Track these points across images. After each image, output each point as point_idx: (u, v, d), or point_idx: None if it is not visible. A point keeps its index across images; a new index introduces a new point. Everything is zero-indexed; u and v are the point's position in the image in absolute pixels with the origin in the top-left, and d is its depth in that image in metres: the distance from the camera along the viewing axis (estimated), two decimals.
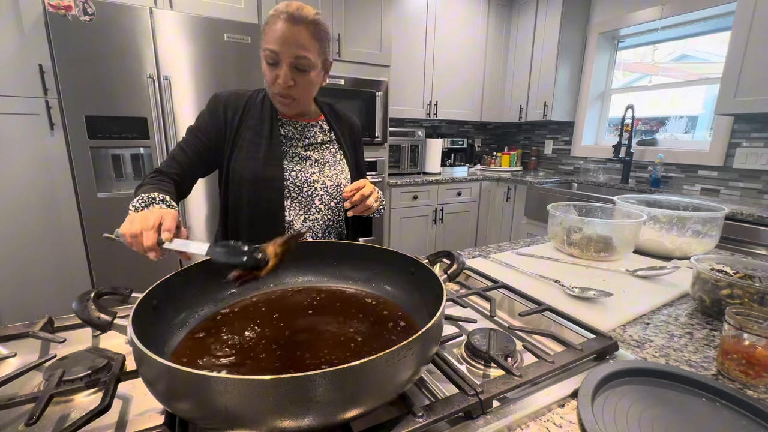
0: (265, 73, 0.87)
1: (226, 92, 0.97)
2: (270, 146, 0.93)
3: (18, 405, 0.46)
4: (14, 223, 1.80)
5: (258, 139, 0.93)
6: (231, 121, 0.94)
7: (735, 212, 1.79)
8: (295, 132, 0.98)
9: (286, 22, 0.81)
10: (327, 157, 1.01)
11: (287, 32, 0.82)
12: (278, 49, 0.82)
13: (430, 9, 2.93)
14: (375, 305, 0.65)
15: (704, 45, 2.59)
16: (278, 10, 0.83)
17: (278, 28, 0.82)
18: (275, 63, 0.85)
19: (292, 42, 0.82)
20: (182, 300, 0.58)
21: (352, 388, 0.36)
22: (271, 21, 0.83)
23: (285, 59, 0.84)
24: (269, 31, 0.83)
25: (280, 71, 0.85)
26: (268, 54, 0.84)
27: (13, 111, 1.72)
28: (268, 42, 0.83)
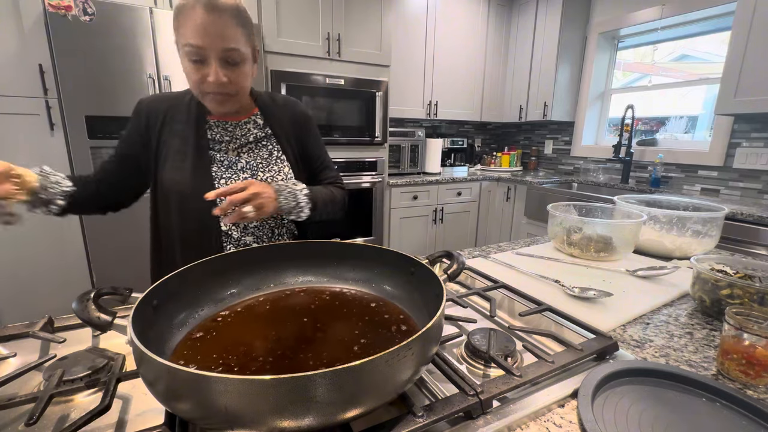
0: (189, 72, 0.77)
1: (148, 97, 0.90)
2: (197, 154, 0.84)
3: (18, 405, 0.46)
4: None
5: (184, 146, 0.85)
6: (153, 127, 0.86)
7: (735, 212, 1.79)
8: (225, 134, 0.88)
9: (205, 12, 0.71)
10: (261, 158, 0.91)
11: (209, 23, 0.72)
12: (202, 44, 0.73)
13: (430, 9, 2.94)
14: (375, 305, 0.65)
15: (704, 45, 2.59)
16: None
17: (197, 18, 0.71)
18: (201, 60, 0.75)
19: (217, 34, 0.73)
20: (182, 300, 0.58)
21: (352, 388, 0.36)
22: (186, 11, 0.72)
23: (212, 54, 0.74)
24: (186, 23, 0.72)
25: (208, 69, 0.75)
26: (190, 50, 0.73)
27: (13, 111, 1.72)
28: (186, 36, 0.73)
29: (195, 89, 0.80)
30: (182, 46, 0.75)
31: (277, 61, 2.25)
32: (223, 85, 0.77)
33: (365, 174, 2.67)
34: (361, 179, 2.65)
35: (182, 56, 0.77)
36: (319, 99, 2.41)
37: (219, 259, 0.65)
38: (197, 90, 0.80)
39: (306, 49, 2.32)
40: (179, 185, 0.83)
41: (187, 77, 0.79)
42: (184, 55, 0.75)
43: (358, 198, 2.66)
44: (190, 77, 0.78)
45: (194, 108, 0.87)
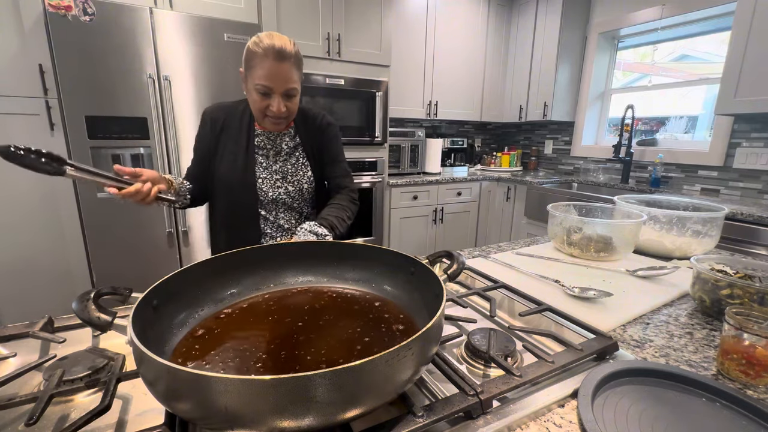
0: (255, 101, 0.97)
1: (211, 106, 1.10)
2: (246, 156, 1.06)
3: (18, 405, 0.46)
4: (14, 223, 1.80)
5: (236, 148, 1.06)
6: (213, 130, 1.07)
7: (735, 212, 1.79)
8: (267, 142, 1.09)
9: (275, 61, 0.92)
10: (290, 164, 1.12)
11: (277, 70, 0.93)
12: (272, 85, 0.94)
13: (430, 9, 2.94)
14: (375, 305, 0.65)
15: (704, 45, 2.59)
16: (264, 47, 0.92)
17: (268, 66, 0.92)
18: (267, 94, 0.96)
19: (282, 78, 0.94)
20: (182, 300, 0.58)
21: (352, 388, 0.36)
22: (260, 58, 0.92)
23: (277, 92, 0.95)
24: (259, 68, 0.93)
25: (272, 101, 0.96)
26: (261, 87, 0.94)
27: (13, 111, 1.72)
28: (259, 78, 0.93)
29: (258, 113, 1.00)
30: (253, 84, 0.95)
31: None
32: (282, 113, 0.98)
33: (365, 174, 2.67)
34: (361, 179, 2.65)
35: (250, 88, 0.97)
36: (319, 99, 2.41)
37: (219, 259, 0.65)
38: (259, 114, 1.00)
39: (306, 49, 2.32)
40: (230, 180, 1.06)
41: (252, 104, 1.00)
42: (253, 89, 0.95)
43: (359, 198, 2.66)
44: (256, 104, 0.98)
45: (246, 118, 1.07)
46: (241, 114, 1.08)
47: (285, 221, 1.14)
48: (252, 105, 1.00)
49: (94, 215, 1.84)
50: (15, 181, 1.76)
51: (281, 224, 1.13)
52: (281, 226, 1.13)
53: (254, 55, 0.93)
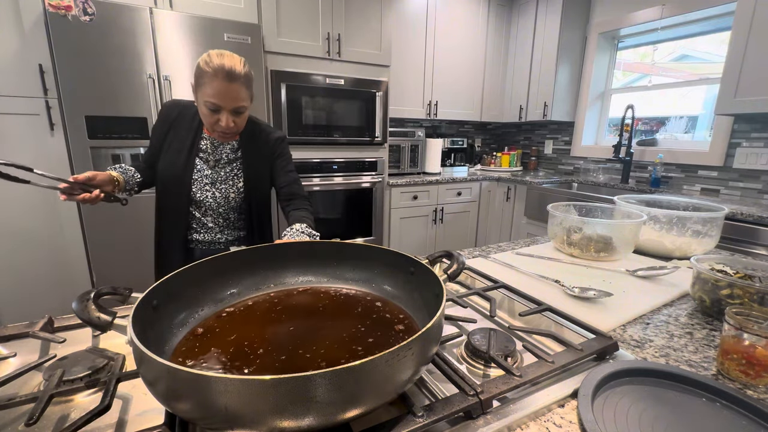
0: (205, 115, 1.01)
1: (169, 101, 1.16)
2: (188, 156, 1.10)
3: (18, 405, 0.46)
4: (14, 223, 1.80)
5: (180, 146, 1.11)
6: (164, 124, 1.12)
7: (735, 212, 1.79)
8: (209, 147, 1.13)
9: (224, 81, 0.95)
10: (225, 172, 1.15)
11: (226, 89, 0.96)
12: (220, 104, 0.98)
13: (430, 9, 2.94)
14: (375, 305, 0.65)
15: (704, 45, 2.59)
16: (214, 66, 0.95)
17: (217, 85, 0.95)
18: (216, 110, 0.99)
19: (231, 97, 0.98)
20: (182, 300, 0.58)
21: (352, 388, 0.36)
22: (209, 77, 0.95)
23: (226, 109, 0.99)
24: (208, 86, 0.96)
25: (221, 116, 1.00)
26: (210, 104, 0.97)
27: (13, 111, 1.72)
28: (208, 95, 0.96)
29: (208, 126, 1.04)
30: (203, 99, 0.98)
31: (277, 61, 2.25)
32: (230, 129, 1.02)
33: (365, 174, 2.67)
34: (361, 179, 2.65)
35: (200, 102, 1.00)
36: (319, 99, 2.41)
37: (219, 259, 0.65)
38: (209, 126, 1.03)
39: (306, 49, 2.32)
40: (167, 175, 1.11)
41: (203, 116, 1.03)
42: (203, 104, 0.99)
43: (358, 198, 2.66)
44: (206, 118, 1.01)
45: (197, 121, 1.11)
46: (193, 115, 1.11)
47: (211, 221, 1.18)
48: (202, 117, 1.04)
49: (94, 215, 1.84)
50: None
51: (206, 223, 1.17)
52: (206, 224, 1.17)
53: (204, 74, 0.96)
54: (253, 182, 1.18)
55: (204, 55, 0.98)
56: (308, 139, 2.43)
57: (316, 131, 2.44)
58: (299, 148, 2.42)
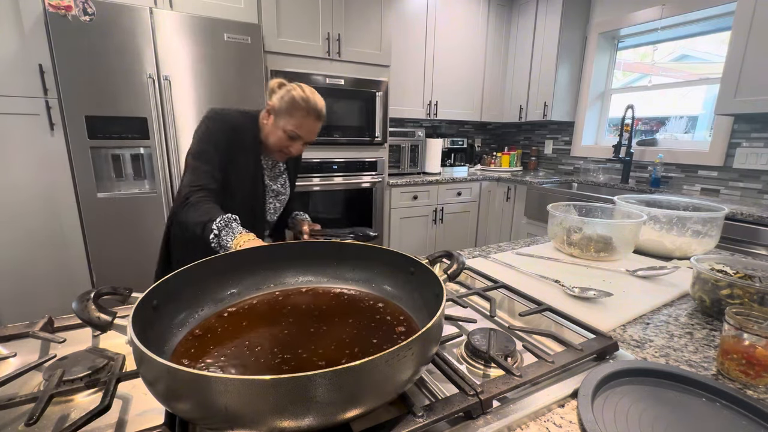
0: (281, 138, 1.08)
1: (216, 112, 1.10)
2: (257, 169, 1.15)
3: (18, 405, 0.46)
4: (14, 223, 1.80)
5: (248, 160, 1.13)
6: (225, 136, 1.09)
7: (735, 212, 1.79)
8: (267, 164, 1.20)
9: (315, 120, 1.08)
10: (279, 184, 1.25)
11: (313, 127, 1.08)
12: (304, 137, 1.08)
13: (430, 9, 2.94)
14: (375, 305, 0.65)
15: (704, 45, 2.59)
16: (311, 106, 1.05)
17: (309, 123, 1.07)
18: (294, 138, 1.08)
19: (313, 133, 1.10)
20: (182, 300, 0.58)
21: (352, 388, 0.36)
22: (303, 113, 1.05)
23: (304, 141, 1.10)
24: (298, 119, 1.05)
25: (297, 145, 1.10)
26: (293, 133, 1.06)
27: (13, 111, 1.72)
28: (295, 127, 1.06)
29: (276, 147, 1.11)
30: (286, 128, 1.06)
31: (277, 61, 2.25)
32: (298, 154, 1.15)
33: (365, 174, 2.67)
34: (361, 179, 2.65)
35: (278, 127, 1.07)
36: None
37: (219, 259, 0.65)
38: (277, 147, 1.10)
39: (306, 49, 2.32)
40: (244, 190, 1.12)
41: (276, 139, 1.09)
42: (282, 130, 1.07)
43: (358, 198, 2.66)
44: (280, 142, 1.09)
45: (256, 135, 1.13)
46: (251, 130, 1.13)
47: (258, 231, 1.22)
48: (274, 140, 1.09)
49: (94, 215, 1.84)
50: (15, 181, 1.76)
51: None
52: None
53: (298, 108, 1.04)
54: (292, 191, 1.31)
55: (296, 87, 1.06)
56: None
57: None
58: None
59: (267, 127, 1.10)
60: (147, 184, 1.96)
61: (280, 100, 1.06)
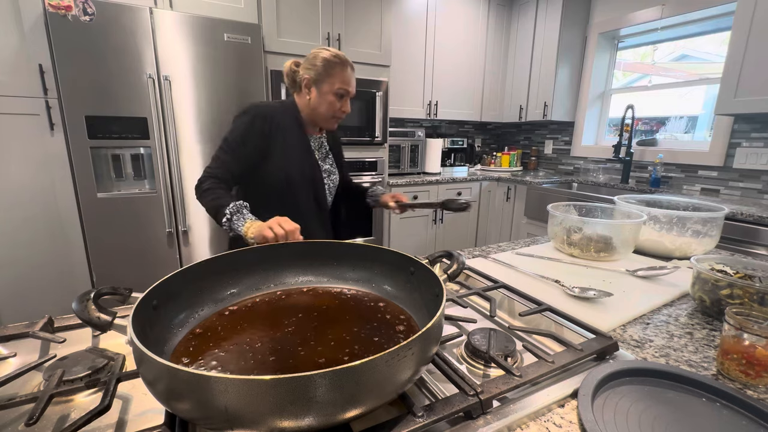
0: (332, 102, 1.12)
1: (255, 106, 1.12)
2: (309, 154, 1.18)
3: (18, 405, 0.46)
4: (14, 223, 1.80)
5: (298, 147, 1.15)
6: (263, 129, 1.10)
7: (735, 212, 1.79)
8: (314, 144, 1.22)
9: (351, 70, 1.12)
10: (329, 164, 1.28)
11: (352, 76, 1.13)
12: (349, 89, 1.12)
13: (430, 9, 2.93)
14: (375, 305, 0.65)
15: (704, 45, 2.59)
16: (343, 58, 1.11)
17: (348, 73, 1.11)
18: (342, 96, 1.12)
19: (354, 83, 1.14)
20: (182, 300, 0.58)
21: (352, 389, 0.36)
22: (341, 67, 1.10)
23: (350, 94, 1.14)
24: (340, 74, 1.10)
25: (345, 102, 1.14)
26: (342, 90, 1.11)
27: (13, 111, 1.72)
28: (340, 83, 1.10)
29: (328, 115, 1.14)
30: (332, 88, 1.10)
31: (277, 61, 2.25)
32: (348, 112, 1.17)
33: (365, 174, 2.67)
34: (361, 179, 2.65)
35: (325, 92, 1.11)
36: None
37: (219, 259, 0.65)
38: (329, 115, 1.14)
39: (306, 49, 2.32)
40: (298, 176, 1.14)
41: (328, 106, 1.12)
42: (330, 93, 1.11)
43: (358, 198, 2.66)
44: (332, 107, 1.12)
45: (298, 120, 1.16)
46: (292, 116, 1.15)
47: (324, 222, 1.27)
48: (325, 108, 1.12)
49: (94, 215, 1.84)
50: (15, 181, 1.76)
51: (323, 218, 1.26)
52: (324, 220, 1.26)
53: (334, 64, 1.09)
54: (340, 171, 1.33)
55: (320, 50, 1.11)
56: None
57: None
58: None
59: (312, 101, 1.13)
60: (147, 184, 1.96)
61: (314, 68, 1.10)
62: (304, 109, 1.16)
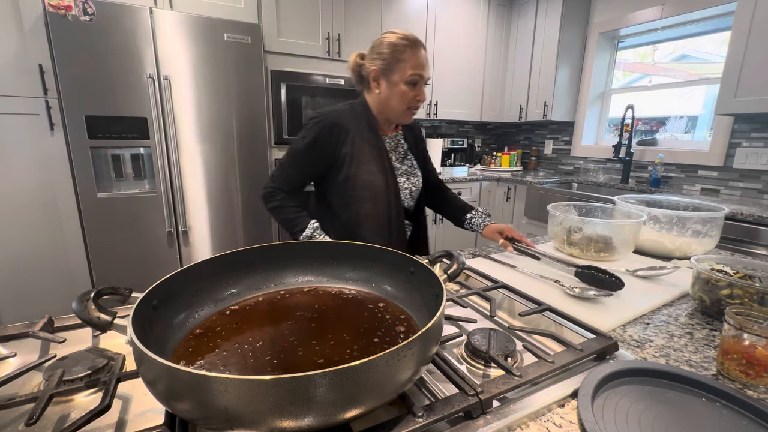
0: (406, 92, 1.01)
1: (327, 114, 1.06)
2: (386, 158, 1.09)
3: (18, 405, 0.46)
4: (14, 223, 1.80)
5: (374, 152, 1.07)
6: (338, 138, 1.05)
7: (735, 212, 1.79)
8: (391, 144, 1.14)
9: (423, 50, 1.01)
10: (407, 165, 1.18)
11: (425, 58, 1.01)
12: (423, 73, 1.01)
13: (430, 9, 2.93)
14: (375, 305, 0.65)
15: (704, 45, 2.59)
16: (412, 39, 1.00)
17: (420, 55, 0.99)
18: (416, 83, 1.01)
19: (428, 65, 1.03)
20: (182, 300, 0.58)
21: (352, 388, 0.36)
22: (412, 50, 0.99)
23: (424, 79, 1.02)
24: (412, 59, 0.99)
25: (420, 90, 1.03)
26: (415, 77, 1.00)
27: (13, 111, 1.72)
28: (413, 68, 0.99)
29: (404, 107, 1.04)
30: (404, 76, 1.00)
31: (277, 61, 2.25)
32: (424, 100, 1.06)
33: None
34: None
35: (397, 82, 1.01)
36: (319, 99, 2.41)
37: (219, 259, 0.65)
38: (404, 107, 1.04)
39: (306, 49, 2.32)
40: (376, 183, 1.06)
41: (401, 97, 1.02)
42: (403, 82, 1.00)
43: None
44: (406, 97, 1.02)
45: (371, 122, 1.08)
46: (362, 117, 1.08)
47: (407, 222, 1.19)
48: (397, 100, 1.03)
49: (94, 215, 1.84)
50: (15, 181, 1.76)
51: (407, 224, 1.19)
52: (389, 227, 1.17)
53: (404, 49, 0.98)
54: (422, 171, 1.22)
55: (386, 35, 1.01)
56: None
57: None
58: None
59: (383, 95, 1.04)
60: (147, 184, 1.96)
61: (380, 57, 1.01)
62: (375, 107, 1.08)
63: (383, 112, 1.08)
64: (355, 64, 1.08)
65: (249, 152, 2.16)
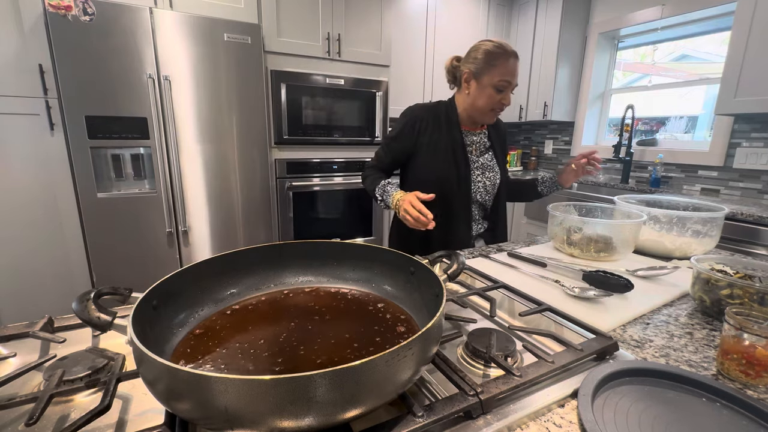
0: (491, 95, 1.11)
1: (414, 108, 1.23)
2: (462, 151, 1.20)
3: (18, 405, 0.46)
4: (14, 223, 1.80)
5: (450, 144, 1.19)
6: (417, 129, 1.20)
7: (735, 212, 1.79)
8: (470, 139, 1.24)
9: (515, 60, 1.10)
10: (486, 160, 1.27)
11: (515, 67, 1.11)
12: (512, 80, 1.11)
13: (430, 9, 2.94)
14: (375, 305, 0.65)
15: (704, 45, 2.59)
16: (506, 48, 1.09)
17: (512, 64, 1.09)
18: (503, 89, 1.11)
19: (517, 74, 1.13)
20: (182, 300, 0.58)
21: (352, 388, 0.36)
22: (503, 57, 1.09)
23: (512, 85, 1.12)
24: (503, 66, 1.08)
25: (505, 95, 1.12)
26: (504, 83, 1.10)
27: (13, 111, 1.72)
28: (503, 74, 1.09)
29: (487, 108, 1.14)
30: (493, 81, 1.10)
31: (277, 61, 2.25)
32: (508, 105, 1.15)
33: None
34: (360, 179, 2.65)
35: (485, 85, 1.11)
36: (319, 99, 2.41)
37: (219, 259, 0.65)
38: (488, 108, 1.14)
39: (306, 49, 2.32)
40: (448, 173, 1.18)
41: (487, 99, 1.13)
42: (491, 86, 1.10)
43: (359, 198, 2.66)
44: (491, 100, 1.12)
45: (451, 118, 1.21)
46: (445, 114, 1.21)
47: (475, 213, 1.28)
48: (484, 101, 1.13)
49: (94, 215, 1.84)
50: (15, 181, 1.76)
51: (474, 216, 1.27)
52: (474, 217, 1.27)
53: (497, 56, 1.08)
54: (502, 168, 1.30)
55: (483, 42, 1.11)
56: (308, 139, 2.43)
57: (316, 131, 2.44)
58: (299, 148, 2.42)
59: (472, 95, 1.15)
60: (147, 184, 1.96)
61: (475, 61, 1.11)
62: (462, 105, 1.20)
63: (469, 110, 1.18)
64: (450, 66, 1.22)
65: (249, 152, 2.16)
